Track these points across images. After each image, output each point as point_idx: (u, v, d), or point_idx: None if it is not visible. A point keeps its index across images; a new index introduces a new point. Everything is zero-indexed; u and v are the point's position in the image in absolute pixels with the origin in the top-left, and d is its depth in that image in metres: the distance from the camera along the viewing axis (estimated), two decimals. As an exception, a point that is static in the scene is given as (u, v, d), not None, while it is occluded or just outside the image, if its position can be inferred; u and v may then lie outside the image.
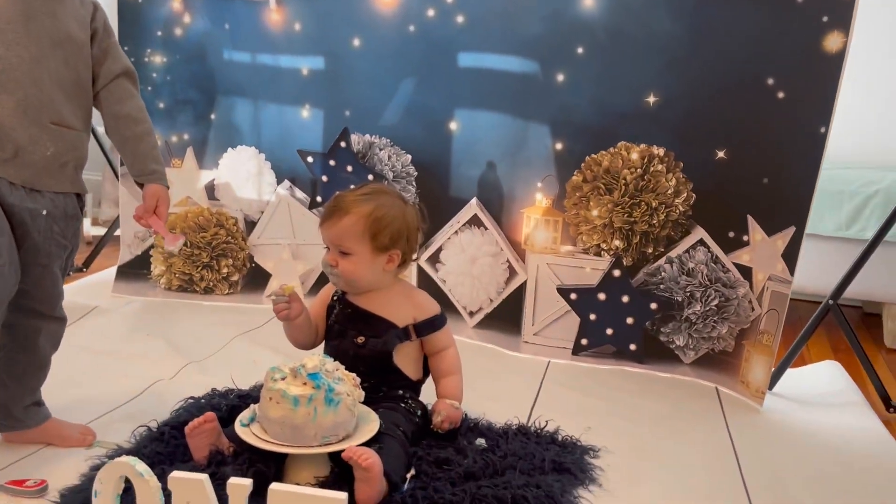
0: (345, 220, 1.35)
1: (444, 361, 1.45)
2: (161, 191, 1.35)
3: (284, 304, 1.37)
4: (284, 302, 1.37)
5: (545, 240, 1.94)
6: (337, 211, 1.36)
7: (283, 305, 1.37)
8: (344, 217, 1.35)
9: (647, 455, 1.44)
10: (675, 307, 1.87)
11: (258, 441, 1.17)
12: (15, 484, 1.14)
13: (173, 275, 2.28)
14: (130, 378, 1.61)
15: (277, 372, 1.20)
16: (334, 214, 1.36)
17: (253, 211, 2.28)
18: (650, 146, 1.83)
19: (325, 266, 1.39)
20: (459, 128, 2.02)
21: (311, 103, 2.15)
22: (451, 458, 1.28)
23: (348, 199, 1.37)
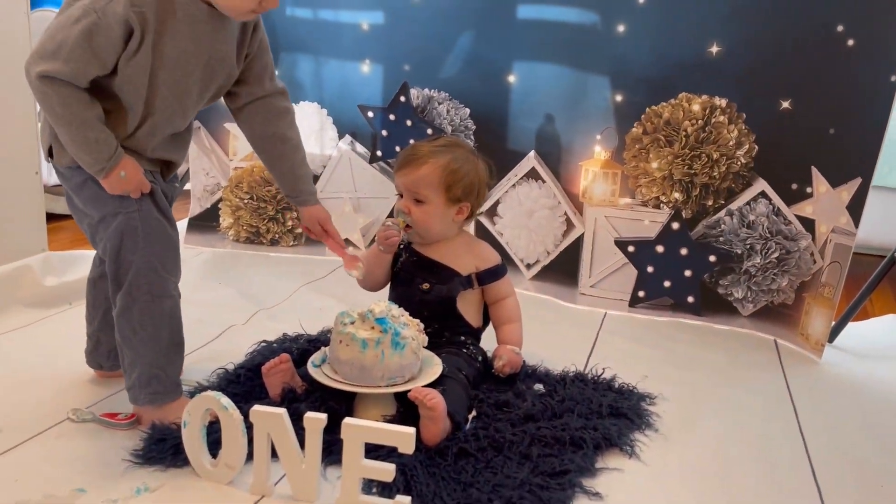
0: (423, 168, 1.39)
1: (505, 309, 1.49)
2: (321, 212, 1.39)
3: (397, 231, 1.41)
4: (398, 230, 1.41)
5: (603, 192, 1.95)
6: (415, 159, 1.40)
7: (396, 231, 1.41)
8: (422, 166, 1.39)
9: (703, 402, 1.46)
10: (734, 260, 1.86)
11: (329, 380, 1.24)
12: (109, 416, 1.24)
13: (241, 227, 2.37)
14: (206, 324, 1.70)
15: (346, 316, 1.26)
16: (412, 162, 1.40)
17: (316, 165, 2.34)
18: (712, 97, 1.81)
19: (398, 213, 1.43)
20: (518, 80, 2.03)
21: (371, 58, 2.18)
22: (511, 402, 1.33)
23: (426, 149, 1.41)
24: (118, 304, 1.21)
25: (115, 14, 1.09)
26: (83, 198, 1.23)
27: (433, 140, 1.46)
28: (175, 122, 1.24)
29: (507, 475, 1.12)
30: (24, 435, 1.19)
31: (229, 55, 1.23)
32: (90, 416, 1.25)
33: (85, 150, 1.13)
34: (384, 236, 1.42)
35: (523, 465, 1.15)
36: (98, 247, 1.26)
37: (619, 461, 1.22)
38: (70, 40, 1.08)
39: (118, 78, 1.14)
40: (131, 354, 1.22)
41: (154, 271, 1.21)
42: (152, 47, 1.13)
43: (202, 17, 1.16)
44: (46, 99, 1.11)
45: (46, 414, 1.26)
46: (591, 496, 1.11)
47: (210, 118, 2.36)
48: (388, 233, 1.41)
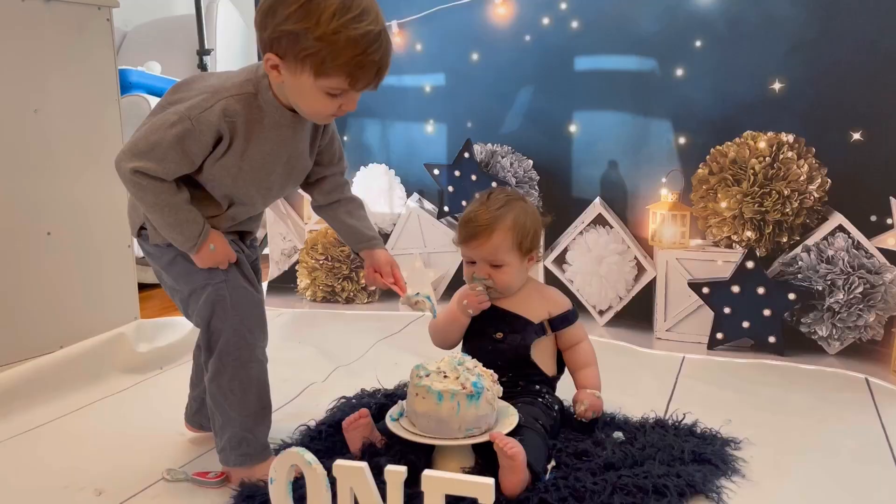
0: (494, 237, 1.41)
1: (580, 354, 1.49)
2: (384, 255, 1.43)
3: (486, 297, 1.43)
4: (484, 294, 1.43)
5: (673, 235, 1.94)
6: (481, 230, 1.41)
7: (485, 297, 1.43)
8: (492, 235, 1.40)
9: (793, 446, 1.41)
10: (815, 296, 1.81)
11: (407, 434, 1.26)
12: (200, 475, 1.29)
13: (317, 287, 2.45)
14: (288, 382, 1.76)
15: (422, 369, 1.28)
16: (479, 234, 1.41)
17: (386, 223, 2.41)
18: (778, 133, 1.79)
19: (478, 280, 1.43)
20: (579, 130, 2.06)
21: (435, 118, 2.26)
22: (590, 450, 1.31)
23: (487, 216, 1.41)
24: (209, 370, 1.27)
25: (208, 123, 1.16)
26: (174, 274, 1.30)
27: (487, 202, 1.45)
28: (256, 208, 1.32)
29: (590, 525, 1.11)
30: (122, 496, 1.25)
31: (305, 151, 1.30)
32: (183, 475, 1.30)
33: (178, 230, 1.21)
34: (476, 301, 1.43)
35: (606, 515, 1.14)
36: (192, 319, 1.33)
37: (706, 509, 1.19)
38: (164, 143, 1.16)
39: (204, 174, 1.22)
40: (222, 418, 1.27)
41: (242, 338, 1.27)
42: (240, 153, 1.21)
43: (286, 123, 1.23)
44: (140, 189, 1.19)
45: (143, 475, 1.32)
46: (678, 545, 1.09)
47: (285, 185, 2.48)
48: (480, 297, 1.43)
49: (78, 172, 1.93)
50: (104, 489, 1.27)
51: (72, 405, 1.65)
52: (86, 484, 1.29)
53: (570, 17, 2.00)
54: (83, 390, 1.72)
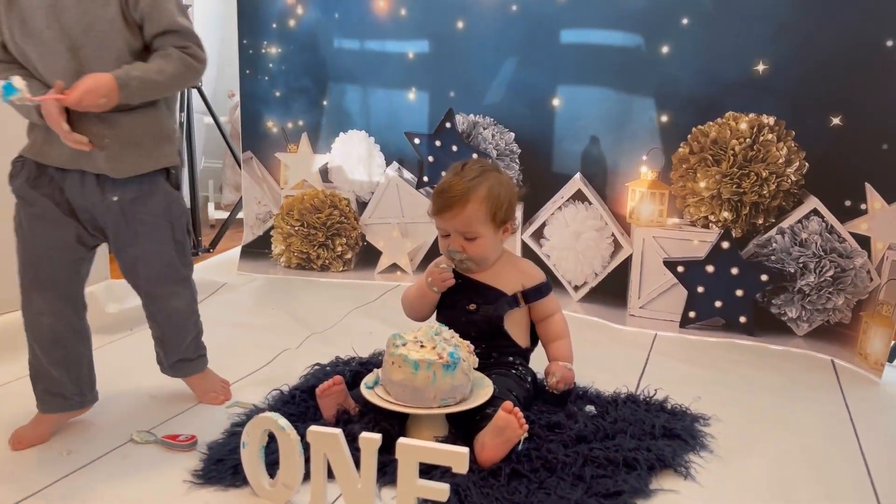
0: (468, 208, 1.39)
1: (553, 326, 1.49)
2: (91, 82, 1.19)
3: (450, 275, 1.43)
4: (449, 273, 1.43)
5: (651, 213, 1.95)
6: (455, 200, 1.39)
7: (449, 275, 1.43)
8: (466, 205, 1.39)
9: (760, 424, 1.44)
10: (787, 278, 1.83)
11: (382, 402, 1.26)
12: (170, 438, 1.28)
13: (292, 253, 2.43)
14: (260, 348, 1.75)
15: (398, 338, 1.28)
16: (453, 205, 1.39)
17: (364, 192, 2.39)
18: (759, 115, 1.80)
19: (452, 252, 1.43)
20: (562, 104, 2.04)
21: (417, 86, 2.23)
22: (563, 423, 1.33)
23: (461, 186, 1.40)
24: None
25: None
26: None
27: (461, 173, 1.43)
28: (43, 76, 1.21)
29: (561, 496, 1.12)
30: (91, 456, 1.23)
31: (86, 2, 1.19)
32: (153, 437, 1.29)
33: None
34: (440, 279, 1.43)
35: (576, 487, 1.15)
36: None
37: (675, 483, 1.21)
38: None
39: None
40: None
41: None
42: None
43: None
44: None
45: (112, 436, 1.30)
46: (647, 518, 1.10)
47: (261, 148, 2.44)
48: (443, 275, 1.43)
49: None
50: (73, 449, 1.25)
51: (39, 364, 1.62)
52: (55, 443, 1.27)
53: (558, -11, 1.98)
54: (50, 349, 1.69)
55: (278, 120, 2.41)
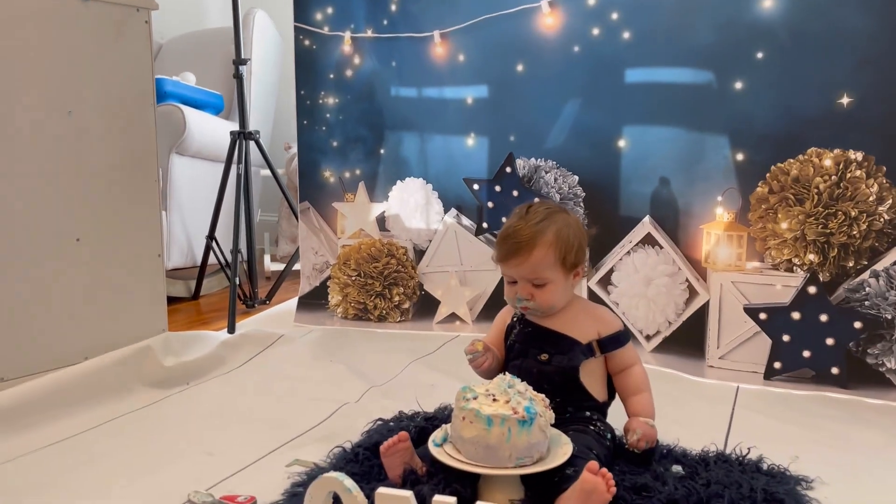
0: (535, 254, 1.31)
1: (632, 378, 1.39)
2: None
3: (482, 358, 1.36)
4: (481, 356, 1.36)
5: (728, 256, 1.83)
6: (521, 246, 1.31)
7: (481, 360, 1.36)
8: (533, 251, 1.31)
9: (867, 487, 1.29)
10: (883, 326, 1.69)
11: (453, 461, 1.16)
12: (228, 499, 1.20)
13: (349, 304, 2.37)
14: (319, 401, 1.67)
15: (469, 391, 1.19)
16: (520, 251, 1.32)
17: (422, 240, 2.33)
18: (845, 151, 1.69)
19: (519, 301, 1.34)
20: (628, 145, 1.97)
21: (476, 131, 2.18)
22: (650, 485, 1.21)
23: (527, 231, 1.32)
24: None
25: None
26: None
27: (526, 216, 1.36)
28: None
29: (657, 569, 1.00)
30: (145, 517, 1.16)
31: None
32: (210, 498, 1.22)
33: None
34: (473, 366, 1.36)
35: (672, 558, 1.03)
36: None
37: (782, 555, 1.08)
38: None
39: None
40: None
41: None
42: None
43: None
44: None
45: (167, 496, 1.23)
46: None
47: (318, 198, 2.41)
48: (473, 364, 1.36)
49: (111, 178, 1.88)
50: (126, 510, 1.19)
51: (95, 420, 1.57)
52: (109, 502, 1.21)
53: (622, 27, 1.92)
54: (107, 404, 1.65)
55: (335, 170, 2.38)
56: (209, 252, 2.76)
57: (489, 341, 1.45)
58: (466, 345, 1.38)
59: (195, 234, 2.84)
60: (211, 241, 2.71)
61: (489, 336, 1.47)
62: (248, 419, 1.58)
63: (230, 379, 1.86)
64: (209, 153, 2.87)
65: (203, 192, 2.84)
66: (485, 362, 1.37)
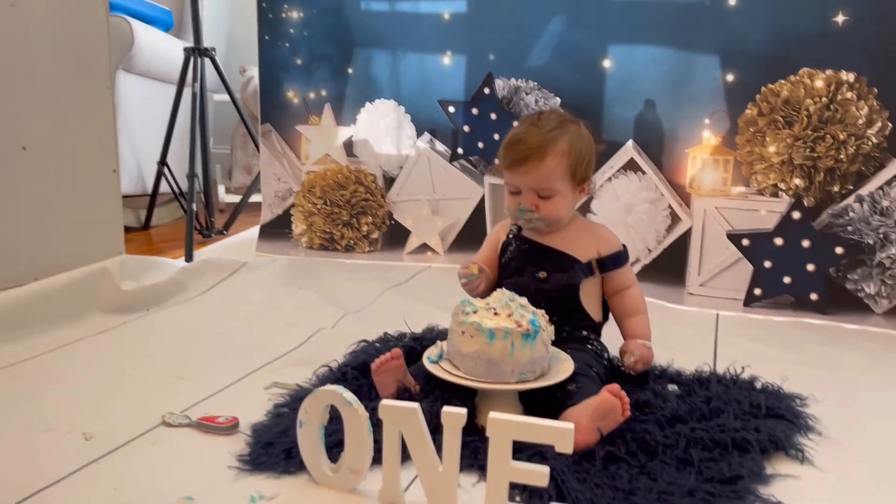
0: (546, 162, 1.23)
1: (629, 300, 1.34)
2: None
3: (477, 281, 1.29)
4: (476, 279, 1.29)
5: (714, 181, 1.79)
6: (532, 153, 1.24)
7: (476, 283, 1.29)
8: (545, 159, 1.23)
9: (860, 405, 1.28)
10: (865, 251, 1.69)
11: (451, 377, 1.10)
12: (207, 420, 1.11)
13: (314, 234, 2.27)
14: (293, 327, 1.58)
15: (468, 305, 1.12)
16: (530, 158, 1.24)
17: (392, 166, 2.23)
18: (837, 71, 1.65)
19: (522, 213, 1.27)
20: (613, 65, 1.89)
21: (453, 49, 2.07)
22: (652, 402, 1.17)
23: (538, 138, 1.24)
24: None
25: None
26: None
27: (537, 123, 1.28)
28: None
29: (670, 482, 0.96)
30: (116, 441, 1.07)
31: None
32: (186, 419, 1.13)
33: None
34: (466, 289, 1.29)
35: (684, 471, 0.99)
36: None
37: (791, 467, 1.05)
38: None
39: None
40: None
41: None
42: None
43: None
44: None
45: (138, 419, 1.13)
46: (772, 506, 0.95)
47: (281, 120, 2.28)
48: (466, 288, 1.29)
49: (60, 81, 1.69)
50: (94, 433, 1.08)
51: (48, 344, 1.45)
52: (72, 427, 1.10)
53: (611, -60, 1.82)
54: (60, 329, 1.52)
55: (299, 90, 2.25)
56: (161, 179, 2.59)
57: (480, 259, 1.38)
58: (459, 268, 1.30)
59: (145, 160, 2.66)
60: (163, 167, 2.54)
61: (480, 255, 1.40)
62: (217, 344, 1.48)
63: (193, 305, 1.75)
64: (159, 72, 2.67)
65: (153, 115, 2.66)
66: (480, 285, 1.30)
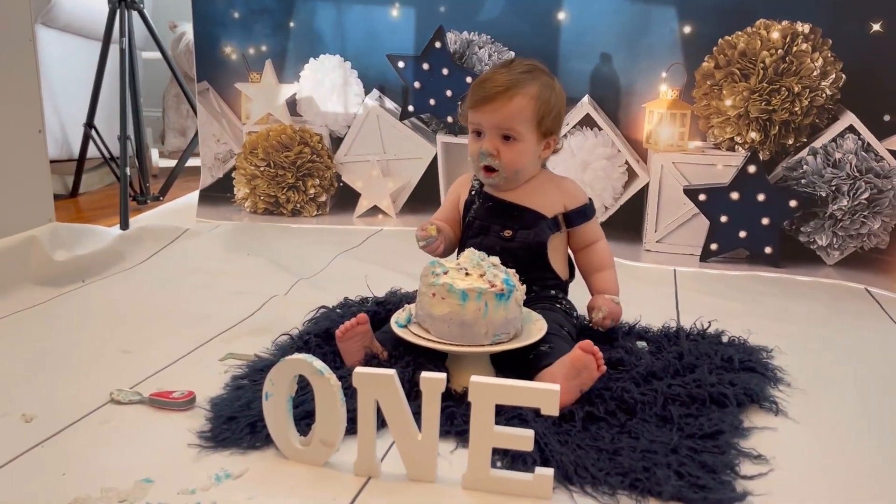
0: (514, 101, 1.18)
1: (597, 255, 1.31)
2: None
3: (436, 243, 1.23)
4: (435, 241, 1.23)
5: (671, 136, 1.77)
6: (500, 92, 1.18)
7: (436, 245, 1.23)
8: (513, 98, 1.18)
9: (823, 355, 1.30)
10: (817, 203, 1.70)
11: (423, 341, 1.05)
12: (161, 395, 1.03)
13: (258, 197, 2.17)
14: (244, 294, 1.50)
15: (438, 266, 1.07)
16: (498, 96, 1.18)
17: (339, 126, 2.14)
18: (793, 23, 1.64)
19: (482, 156, 1.21)
20: (568, 18, 1.84)
21: (402, 1, 1.98)
22: (625, 359, 1.15)
23: (506, 78, 1.20)
24: None
25: None
26: None
27: (508, 66, 1.24)
28: None
29: (652, 440, 0.94)
30: (61, 422, 0.98)
31: None
32: (137, 396, 1.04)
33: None
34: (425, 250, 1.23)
35: (664, 428, 0.98)
36: None
37: (766, 419, 1.05)
38: None
39: None
40: None
41: None
42: None
43: None
44: None
45: (83, 398, 1.05)
46: (755, 459, 0.94)
47: (218, 78, 2.15)
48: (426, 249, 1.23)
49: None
50: (35, 415, 0.99)
51: (-25, 320, 1.33)
52: (10, 409, 1.01)
53: None
54: (-12, 303, 1.40)
55: (238, 45, 2.12)
56: (88, 142, 2.43)
57: (441, 218, 1.33)
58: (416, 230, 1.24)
59: (70, 122, 2.49)
60: (90, 129, 2.38)
61: (441, 212, 1.34)
62: (164, 315, 1.39)
63: (133, 275, 1.64)
64: (82, 27, 2.49)
65: (76, 74, 2.48)
66: (439, 247, 1.24)
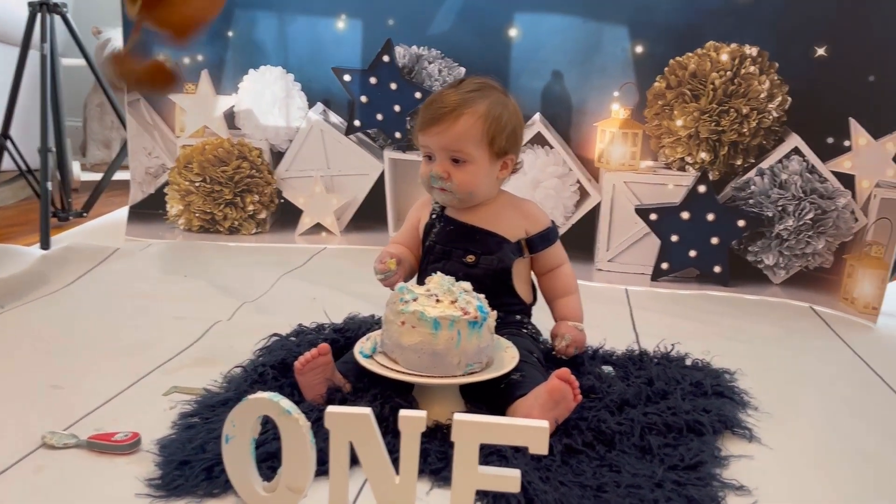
0: (461, 121, 1.14)
1: (560, 280, 1.27)
2: None
3: (395, 276, 1.17)
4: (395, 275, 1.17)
5: (622, 155, 1.77)
6: (447, 112, 1.14)
7: (395, 279, 1.17)
8: (459, 118, 1.14)
9: (782, 376, 1.29)
10: (764, 223, 1.73)
11: (392, 373, 0.98)
12: (101, 438, 0.93)
13: (193, 214, 2.05)
14: (184, 320, 1.40)
15: (407, 292, 1.01)
16: (444, 117, 1.14)
17: (280, 140, 2.05)
18: (742, 45, 1.66)
19: (433, 180, 1.16)
20: (519, 34, 1.82)
21: (348, 12, 1.92)
22: (596, 386, 1.11)
23: (455, 98, 1.15)
24: None
25: None
26: None
27: (457, 86, 1.20)
28: None
29: (635, 473, 0.90)
30: (-17, 472, 0.87)
31: None
32: (73, 438, 0.94)
33: None
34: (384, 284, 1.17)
35: (643, 460, 0.94)
36: None
37: (740, 447, 1.03)
38: None
39: None
40: None
41: None
42: None
43: None
44: None
45: (12, 442, 0.94)
46: (737, 491, 0.91)
47: (151, 88, 2.02)
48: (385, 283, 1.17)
49: None
50: (-47, 466, 0.88)
51: None
52: (-79, 460, 0.89)
53: None
54: None
55: (172, 55, 2.00)
56: (2, 154, 2.25)
57: (401, 241, 1.28)
58: (375, 262, 1.18)
59: (-18, 133, 2.30)
60: (5, 140, 2.21)
61: (401, 235, 1.29)
62: (96, 344, 1.27)
63: (59, 299, 1.51)
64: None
65: (-9, 81, 2.30)
66: (398, 280, 1.18)
